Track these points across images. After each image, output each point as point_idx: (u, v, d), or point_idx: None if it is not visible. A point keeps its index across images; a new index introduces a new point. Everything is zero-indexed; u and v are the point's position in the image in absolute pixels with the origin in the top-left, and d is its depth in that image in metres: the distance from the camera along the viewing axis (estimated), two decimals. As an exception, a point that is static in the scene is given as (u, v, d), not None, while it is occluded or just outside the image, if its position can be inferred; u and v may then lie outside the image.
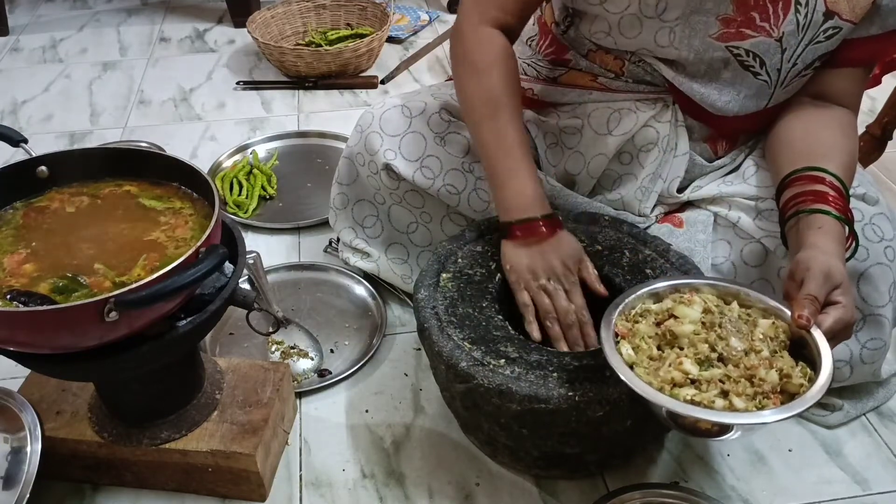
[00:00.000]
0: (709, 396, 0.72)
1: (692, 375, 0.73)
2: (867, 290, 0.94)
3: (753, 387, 0.72)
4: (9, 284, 0.76)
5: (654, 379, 0.74)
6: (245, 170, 1.56)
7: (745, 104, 1.00)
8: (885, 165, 1.58)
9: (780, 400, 0.71)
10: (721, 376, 0.73)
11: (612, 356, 0.75)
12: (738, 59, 0.96)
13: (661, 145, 1.05)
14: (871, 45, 0.94)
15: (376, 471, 0.99)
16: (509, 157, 0.95)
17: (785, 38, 0.93)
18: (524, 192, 0.95)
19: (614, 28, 0.99)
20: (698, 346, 0.76)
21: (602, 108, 1.07)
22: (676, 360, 0.75)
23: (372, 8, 2.12)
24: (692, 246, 1.02)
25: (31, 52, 2.17)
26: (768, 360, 0.74)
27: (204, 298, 0.82)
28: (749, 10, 0.92)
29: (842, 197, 0.87)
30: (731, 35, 0.94)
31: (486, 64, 0.97)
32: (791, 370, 0.73)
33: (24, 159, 0.87)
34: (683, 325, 0.78)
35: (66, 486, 0.97)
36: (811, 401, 0.70)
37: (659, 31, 0.96)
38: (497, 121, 0.96)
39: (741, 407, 0.71)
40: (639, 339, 0.78)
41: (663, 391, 0.73)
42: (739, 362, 0.74)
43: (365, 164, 1.12)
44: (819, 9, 0.90)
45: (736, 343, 0.75)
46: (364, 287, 1.26)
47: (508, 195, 0.95)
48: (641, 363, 0.76)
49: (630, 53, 1.02)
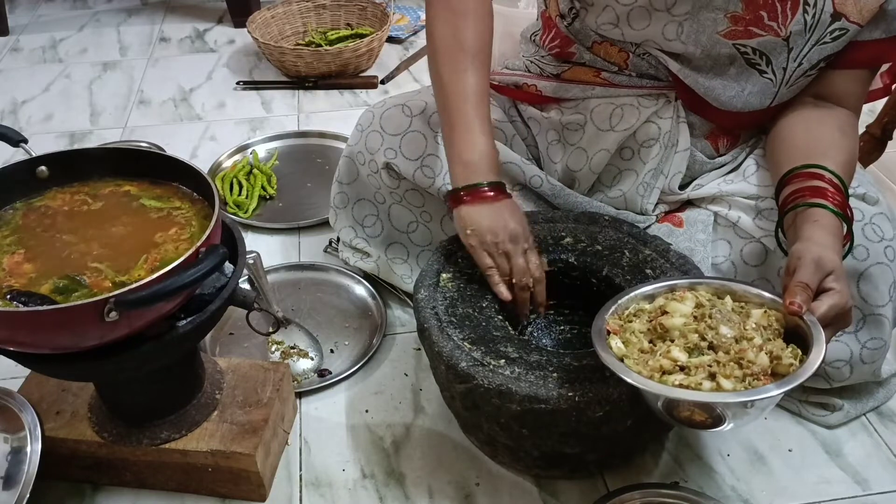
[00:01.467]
0: (696, 380, 0.71)
1: (681, 362, 0.73)
2: (867, 289, 0.94)
3: (742, 369, 0.72)
4: (9, 284, 0.76)
5: (644, 368, 0.74)
6: (245, 170, 1.56)
7: (749, 101, 1.00)
8: (886, 165, 1.58)
9: (770, 381, 0.71)
10: (710, 362, 0.73)
11: (602, 349, 0.76)
12: (744, 57, 0.97)
13: (663, 141, 1.05)
14: (875, 48, 0.94)
15: (376, 471, 0.99)
16: (465, 116, 0.93)
17: (792, 38, 0.93)
18: (475, 154, 0.93)
19: (623, 19, 0.99)
20: (689, 337, 0.75)
21: (605, 104, 1.07)
22: (665, 349, 0.75)
23: (372, 8, 2.12)
24: (692, 245, 1.02)
25: (31, 52, 2.17)
26: (759, 346, 0.73)
27: (204, 298, 0.82)
28: (758, 9, 0.92)
29: (840, 194, 0.87)
30: (739, 33, 0.94)
31: (462, 10, 0.95)
32: (781, 352, 0.72)
33: (24, 159, 0.87)
34: (674, 318, 0.77)
35: (66, 486, 0.98)
36: (802, 377, 0.69)
37: (667, 25, 0.96)
38: (461, 71, 0.94)
39: (729, 388, 0.70)
40: (629, 334, 0.78)
41: (652, 379, 0.72)
42: (730, 349, 0.73)
43: (365, 163, 1.13)
44: (827, 10, 0.91)
45: (726, 331, 0.75)
46: (364, 287, 1.26)
47: (460, 154, 0.94)
48: (632, 355, 0.76)
49: (635, 46, 1.02)
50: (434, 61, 0.98)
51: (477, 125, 0.94)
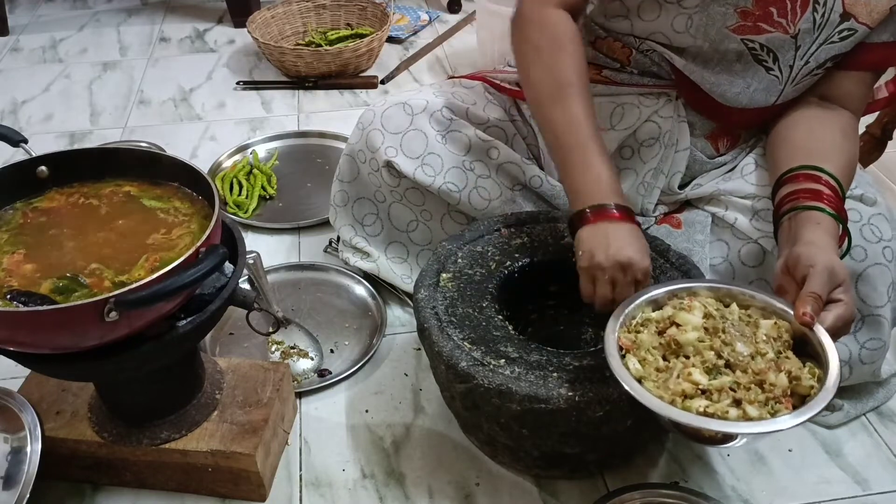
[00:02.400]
0: (722, 407, 0.71)
1: (702, 385, 0.72)
2: (866, 290, 0.94)
3: (764, 392, 0.71)
4: (9, 284, 0.76)
5: (665, 392, 0.72)
6: (245, 170, 1.56)
7: (754, 97, 1.00)
8: (886, 165, 1.58)
9: (791, 403, 0.71)
10: (731, 384, 0.72)
11: (620, 371, 0.74)
12: (752, 53, 0.96)
13: (663, 140, 1.05)
14: (882, 50, 0.94)
15: (376, 471, 0.99)
16: (581, 143, 0.90)
17: (800, 36, 0.93)
18: (600, 179, 0.89)
19: (633, 11, 0.99)
20: (704, 354, 0.75)
21: (605, 103, 1.07)
22: (685, 371, 0.74)
23: (372, 8, 2.12)
24: (690, 246, 1.02)
25: (31, 52, 2.17)
26: (775, 363, 0.73)
27: (204, 298, 0.82)
28: (768, 5, 0.92)
29: (837, 197, 0.87)
30: (748, 28, 0.94)
31: (551, 47, 0.93)
32: (800, 372, 0.72)
33: (24, 159, 0.87)
34: (687, 332, 0.76)
35: (66, 486, 0.97)
36: (823, 402, 0.70)
37: (677, 17, 0.96)
38: (567, 104, 0.91)
39: (755, 415, 0.70)
40: (644, 352, 0.77)
41: (675, 404, 0.71)
42: (747, 367, 0.73)
43: (366, 161, 1.13)
44: (836, 9, 0.91)
45: (742, 348, 0.74)
46: (364, 287, 1.26)
47: (582, 181, 0.89)
48: (650, 376, 0.75)
49: (640, 41, 1.02)
50: (536, 104, 0.96)
51: (597, 152, 0.90)
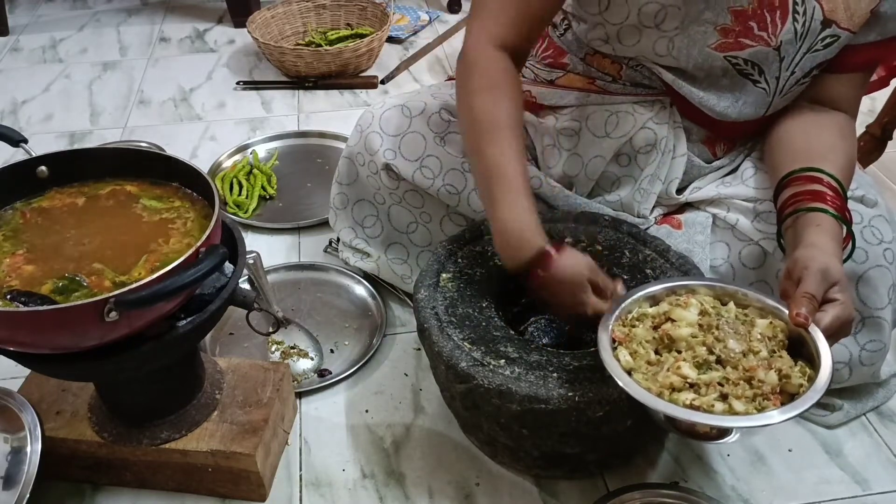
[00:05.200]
0: (708, 400, 0.71)
1: (691, 379, 0.73)
2: (866, 292, 0.94)
3: (752, 388, 0.72)
4: (9, 284, 0.76)
5: (653, 384, 0.73)
6: (245, 170, 1.56)
7: (743, 111, 1.00)
8: (886, 165, 1.58)
9: (780, 401, 0.71)
10: (720, 379, 0.73)
11: (610, 362, 0.75)
12: (736, 69, 0.96)
13: (660, 147, 1.05)
14: (870, 51, 0.94)
15: (376, 471, 0.99)
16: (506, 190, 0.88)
17: (783, 47, 0.93)
18: (525, 228, 0.87)
19: (612, 37, 0.99)
20: (696, 350, 0.75)
21: (600, 111, 1.07)
22: (674, 365, 0.74)
23: (372, 8, 2.12)
24: (691, 247, 1.02)
25: (31, 52, 2.17)
26: (767, 361, 0.73)
27: (204, 298, 0.82)
28: (747, 20, 0.91)
29: (839, 197, 0.87)
30: (729, 45, 0.94)
31: (488, 87, 0.92)
32: (790, 370, 0.73)
33: (24, 159, 0.87)
34: (681, 328, 0.77)
35: (66, 486, 0.97)
36: (810, 401, 0.70)
37: (658, 41, 0.96)
38: (496, 147, 0.89)
39: (741, 409, 0.70)
40: (636, 345, 0.77)
41: (662, 396, 0.72)
42: (738, 364, 0.74)
43: (365, 163, 1.13)
44: (816, 17, 0.90)
45: (734, 345, 0.75)
46: (364, 287, 1.26)
47: (508, 229, 0.88)
48: (639, 368, 0.75)
49: (628, 59, 1.02)
50: (469, 142, 0.94)
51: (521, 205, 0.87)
